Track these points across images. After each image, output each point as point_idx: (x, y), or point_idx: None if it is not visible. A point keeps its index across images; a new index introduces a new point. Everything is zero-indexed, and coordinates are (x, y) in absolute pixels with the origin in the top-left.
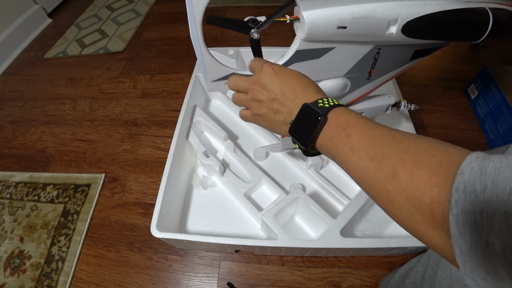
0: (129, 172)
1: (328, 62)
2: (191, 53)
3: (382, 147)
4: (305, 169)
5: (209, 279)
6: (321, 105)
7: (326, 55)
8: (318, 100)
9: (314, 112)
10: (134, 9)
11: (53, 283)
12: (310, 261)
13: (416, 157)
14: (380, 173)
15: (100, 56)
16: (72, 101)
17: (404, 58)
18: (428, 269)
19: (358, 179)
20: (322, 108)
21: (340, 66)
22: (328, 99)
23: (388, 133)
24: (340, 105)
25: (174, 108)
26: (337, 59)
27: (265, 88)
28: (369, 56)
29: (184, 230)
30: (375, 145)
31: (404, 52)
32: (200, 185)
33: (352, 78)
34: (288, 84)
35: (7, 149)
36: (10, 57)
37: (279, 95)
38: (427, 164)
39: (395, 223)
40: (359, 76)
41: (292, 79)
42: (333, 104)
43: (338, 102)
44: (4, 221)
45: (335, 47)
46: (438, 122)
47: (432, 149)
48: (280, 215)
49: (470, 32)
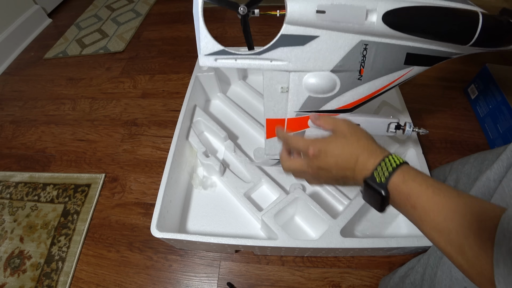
0: (129, 172)
1: (313, 51)
2: (191, 53)
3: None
4: None
5: (209, 279)
6: (378, 179)
7: (310, 43)
8: (374, 172)
9: (375, 189)
10: (134, 9)
11: (53, 283)
12: (310, 261)
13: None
14: (450, 247)
15: (100, 56)
16: (72, 101)
17: (396, 61)
18: (428, 270)
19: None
20: (380, 184)
21: (326, 57)
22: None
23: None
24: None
25: (174, 108)
26: (322, 49)
27: (323, 169)
28: (356, 51)
29: (184, 230)
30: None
31: (394, 52)
32: (200, 185)
33: (342, 76)
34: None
35: (7, 149)
36: (10, 57)
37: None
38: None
39: (395, 223)
40: (349, 75)
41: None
42: (388, 175)
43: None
44: (4, 221)
45: (319, 36)
46: (438, 122)
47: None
48: (280, 215)
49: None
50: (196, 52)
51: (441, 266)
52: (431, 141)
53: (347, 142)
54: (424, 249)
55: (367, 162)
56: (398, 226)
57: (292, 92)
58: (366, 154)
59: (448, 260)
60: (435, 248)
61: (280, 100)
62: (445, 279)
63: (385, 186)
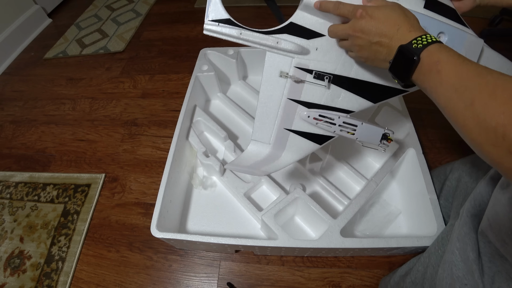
0: (129, 172)
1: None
2: (191, 53)
3: (466, 81)
4: (305, 169)
5: (209, 279)
6: (415, 45)
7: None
8: (412, 40)
9: (409, 53)
10: (134, 9)
11: (53, 283)
12: (310, 261)
13: (492, 90)
14: (461, 102)
15: (100, 56)
16: (72, 101)
17: None
18: (429, 269)
19: (442, 107)
20: (415, 49)
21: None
22: (422, 37)
23: (474, 69)
24: (434, 42)
25: (174, 108)
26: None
27: (363, 32)
28: None
29: (184, 230)
30: (461, 79)
31: None
32: (200, 185)
33: None
34: (383, 27)
35: (7, 149)
36: (10, 57)
37: (377, 38)
38: (500, 96)
39: (395, 223)
40: None
41: (386, 21)
42: (426, 43)
43: (433, 37)
44: (4, 221)
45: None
46: (438, 122)
47: (508, 84)
48: (280, 215)
49: None
50: (196, 52)
51: (442, 264)
52: (431, 141)
53: (394, 12)
54: (424, 249)
55: (407, 34)
56: (398, 226)
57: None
58: (408, 27)
59: (449, 258)
60: (436, 247)
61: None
62: (446, 277)
63: (419, 51)
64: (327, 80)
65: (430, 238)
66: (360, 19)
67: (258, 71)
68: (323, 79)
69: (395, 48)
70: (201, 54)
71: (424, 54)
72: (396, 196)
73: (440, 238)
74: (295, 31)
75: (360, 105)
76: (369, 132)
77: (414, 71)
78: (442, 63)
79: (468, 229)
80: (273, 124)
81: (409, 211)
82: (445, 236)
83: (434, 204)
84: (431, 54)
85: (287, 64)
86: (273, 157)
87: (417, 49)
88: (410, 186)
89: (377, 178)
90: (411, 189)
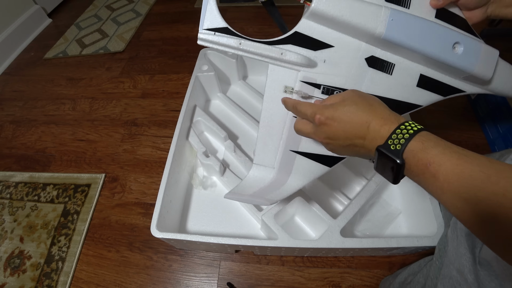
0: (129, 172)
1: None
2: (191, 53)
3: (476, 190)
4: None
5: (209, 279)
6: (393, 146)
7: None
8: (388, 140)
9: (389, 158)
10: (134, 9)
11: (53, 283)
12: (310, 261)
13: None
14: (478, 217)
15: (100, 56)
16: (72, 101)
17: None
18: (428, 282)
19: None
20: (395, 151)
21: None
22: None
23: (479, 171)
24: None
25: (174, 108)
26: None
27: (330, 139)
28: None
29: (184, 230)
30: (468, 188)
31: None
32: (200, 185)
33: None
34: (350, 130)
35: (7, 149)
36: (10, 57)
37: (348, 142)
38: None
39: (395, 223)
40: None
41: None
42: (404, 141)
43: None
44: (4, 221)
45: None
46: (438, 122)
47: None
48: (280, 215)
49: None
50: (196, 52)
51: (441, 279)
52: None
53: (358, 109)
54: (424, 249)
55: (380, 129)
56: (398, 226)
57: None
58: (379, 120)
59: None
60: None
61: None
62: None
63: (400, 153)
64: None
65: (430, 238)
66: (322, 126)
67: (258, 71)
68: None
69: (373, 149)
70: (201, 54)
71: (407, 155)
72: (396, 196)
73: (438, 250)
74: (301, 41)
75: None
76: None
77: (402, 173)
78: (434, 166)
79: (464, 249)
80: (277, 146)
81: (409, 211)
82: (442, 247)
83: (434, 204)
84: (416, 155)
85: (292, 78)
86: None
87: (396, 152)
88: (410, 186)
89: (377, 178)
90: (411, 189)
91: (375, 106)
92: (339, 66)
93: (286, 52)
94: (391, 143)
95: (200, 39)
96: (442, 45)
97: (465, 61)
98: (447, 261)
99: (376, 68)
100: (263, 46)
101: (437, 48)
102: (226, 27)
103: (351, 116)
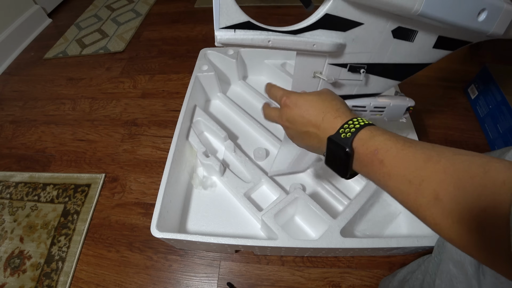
0: (129, 172)
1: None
2: (191, 53)
3: (419, 170)
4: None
5: (209, 279)
6: (343, 135)
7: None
8: (339, 129)
9: (339, 146)
10: (134, 9)
11: (53, 283)
12: (310, 261)
13: (456, 179)
14: (422, 198)
15: (100, 56)
16: (72, 101)
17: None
18: (427, 278)
19: (401, 202)
20: (345, 139)
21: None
22: (349, 123)
23: (421, 153)
24: (363, 127)
25: (174, 108)
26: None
27: (289, 122)
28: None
29: (184, 230)
30: (411, 169)
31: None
32: (200, 185)
33: None
34: (308, 116)
35: (7, 149)
36: (10, 57)
37: (304, 128)
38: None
39: (395, 223)
40: None
41: (310, 109)
42: (354, 130)
43: (361, 120)
44: (4, 221)
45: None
46: (438, 122)
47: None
48: (280, 215)
49: None
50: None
51: (439, 274)
52: (431, 141)
53: (319, 99)
54: (424, 249)
55: (333, 121)
56: (398, 226)
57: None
58: (334, 113)
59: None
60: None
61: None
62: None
63: (350, 142)
64: (363, 74)
65: (430, 238)
66: (285, 108)
67: (258, 71)
68: (358, 71)
69: (325, 139)
70: (201, 54)
71: (356, 144)
72: None
73: (437, 246)
74: (331, 24)
75: (388, 86)
76: (395, 109)
77: (351, 164)
78: (381, 152)
79: None
80: None
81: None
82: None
83: None
84: (365, 142)
85: (320, 64)
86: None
87: (346, 140)
88: None
89: None
90: None
91: (335, 101)
92: (367, 42)
93: (317, 43)
94: (342, 131)
95: (218, 41)
96: (469, 13)
97: (485, 25)
98: (445, 256)
99: (400, 38)
100: (293, 39)
101: (465, 17)
102: (248, 21)
103: (310, 104)
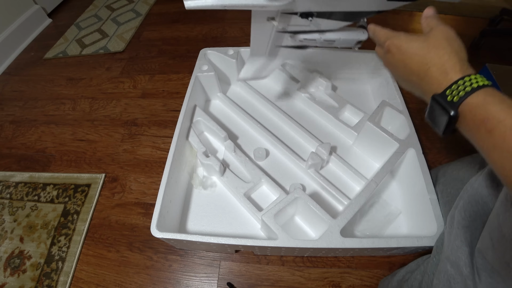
0: (129, 172)
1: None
2: (191, 53)
3: None
4: (305, 169)
5: (209, 279)
6: (450, 97)
7: None
8: (446, 90)
9: (443, 109)
10: (134, 9)
11: (53, 283)
12: (310, 261)
13: None
14: None
15: (100, 56)
16: (72, 101)
17: None
18: (425, 278)
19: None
20: (451, 103)
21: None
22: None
23: None
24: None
25: (174, 108)
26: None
27: (392, 67)
28: None
29: (184, 230)
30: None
31: None
32: (200, 185)
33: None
34: (410, 65)
35: (7, 149)
36: (10, 57)
37: (406, 76)
38: None
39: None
40: None
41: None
42: (464, 94)
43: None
44: (4, 221)
45: None
46: None
47: None
48: (280, 215)
49: None
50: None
51: (437, 274)
52: (431, 141)
53: (425, 46)
54: (424, 249)
55: (440, 77)
56: (398, 226)
57: None
58: (441, 67)
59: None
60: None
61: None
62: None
63: (456, 106)
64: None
65: (430, 238)
66: (387, 53)
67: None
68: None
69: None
70: (201, 54)
71: (464, 109)
72: (396, 196)
73: (436, 247)
74: None
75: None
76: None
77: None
78: (492, 121)
79: (460, 242)
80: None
81: (409, 211)
82: (439, 244)
83: (434, 204)
84: (474, 109)
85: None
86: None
87: (453, 104)
88: (410, 186)
89: (377, 178)
90: (411, 189)
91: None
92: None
93: None
94: (449, 93)
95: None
96: None
97: None
98: (443, 257)
99: None
100: None
101: None
102: None
103: (415, 51)
